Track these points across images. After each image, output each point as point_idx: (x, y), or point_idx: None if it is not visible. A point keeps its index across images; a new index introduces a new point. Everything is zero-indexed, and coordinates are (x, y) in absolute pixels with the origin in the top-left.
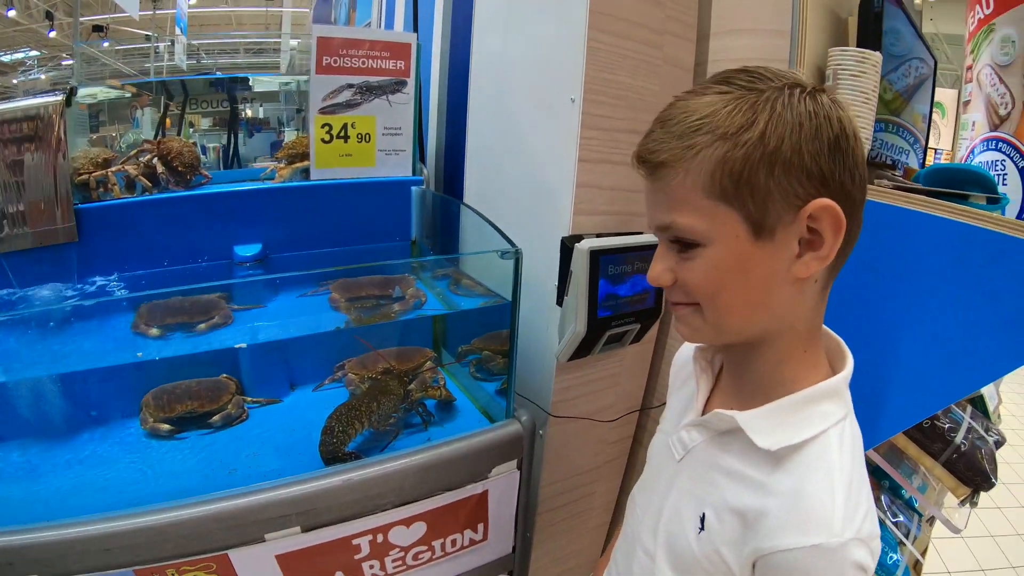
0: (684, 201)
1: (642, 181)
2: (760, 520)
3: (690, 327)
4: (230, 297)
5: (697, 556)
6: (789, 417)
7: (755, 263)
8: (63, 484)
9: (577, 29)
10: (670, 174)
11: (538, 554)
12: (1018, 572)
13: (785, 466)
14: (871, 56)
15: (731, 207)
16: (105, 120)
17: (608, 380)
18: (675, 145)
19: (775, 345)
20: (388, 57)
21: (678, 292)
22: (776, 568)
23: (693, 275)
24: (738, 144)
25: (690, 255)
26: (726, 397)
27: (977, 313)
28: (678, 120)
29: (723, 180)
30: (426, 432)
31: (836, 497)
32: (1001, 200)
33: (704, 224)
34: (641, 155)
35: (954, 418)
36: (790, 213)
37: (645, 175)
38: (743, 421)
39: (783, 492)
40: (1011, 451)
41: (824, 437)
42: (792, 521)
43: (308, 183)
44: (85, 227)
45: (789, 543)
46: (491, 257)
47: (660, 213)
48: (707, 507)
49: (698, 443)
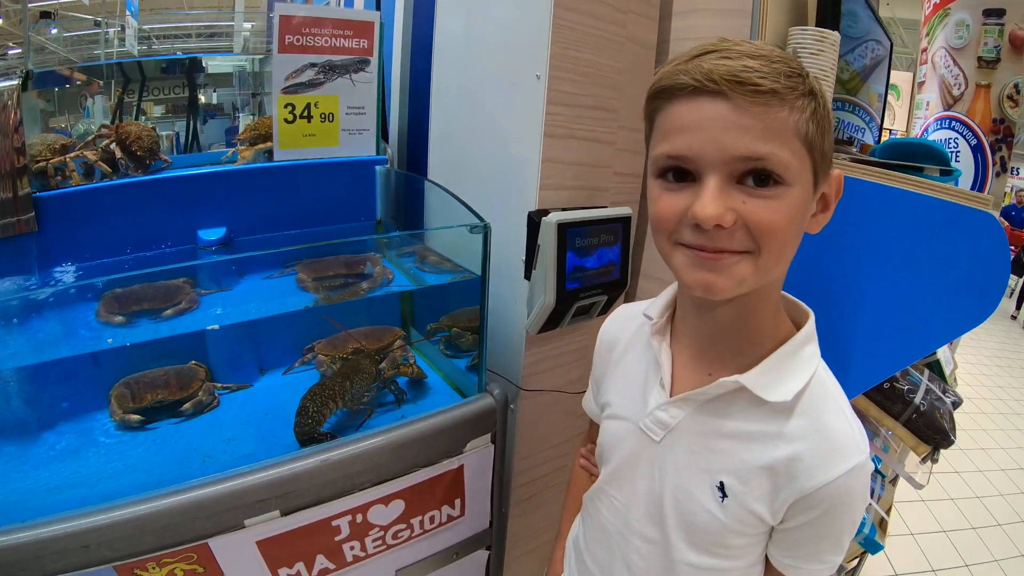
0: (783, 136)
1: (607, 156)
2: (794, 465)
3: (735, 277)
4: (195, 282)
5: (725, 522)
6: (787, 366)
7: (807, 213)
8: (34, 483)
9: (543, 6)
10: (777, 105)
11: (515, 528)
12: (977, 532)
13: (796, 411)
14: (830, 35)
15: (810, 155)
16: (55, 111)
17: (577, 352)
18: (785, 81)
19: (769, 300)
20: (351, 36)
21: (739, 236)
22: (824, 500)
23: (774, 215)
24: (820, 104)
25: (773, 193)
26: (697, 365)
27: (931, 279)
28: (775, 59)
29: (812, 130)
30: (399, 410)
31: (850, 420)
32: (953, 173)
33: (796, 163)
34: (740, 76)
35: (912, 380)
36: (826, 175)
37: (742, 98)
38: (750, 383)
39: (807, 434)
40: (968, 418)
41: (816, 375)
42: (827, 455)
43: (271, 164)
44: (44, 216)
45: (832, 474)
46: (458, 233)
47: (750, 141)
48: (722, 475)
49: (681, 418)
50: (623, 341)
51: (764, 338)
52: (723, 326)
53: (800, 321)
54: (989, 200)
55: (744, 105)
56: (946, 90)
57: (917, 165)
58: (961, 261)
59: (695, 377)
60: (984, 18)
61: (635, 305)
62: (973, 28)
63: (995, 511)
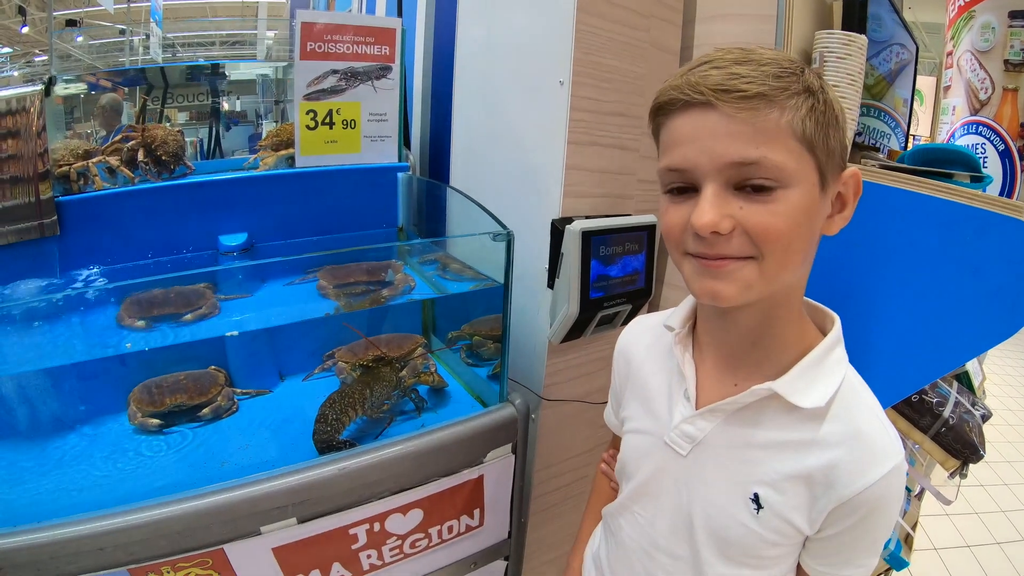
0: (776, 138)
1: (631, 163)
2: (832, 472)
3: (740, 283)
4: (216, 287)
5: (761, 533)
6: (818, 372)
7: (817, 214)
8: (52, 483)
9: (566, 12)
10: (766, 108)
11: (533, 538)
12: (1003, 548)
13: (830, 417)
14: (857, 39)
15: (811, 155)
16: (80, 116)
17: (600, 362)
18: (773, 83)
19: (790, 306)
20: (373, 42)
21: (737, 242)
22: (863, 504)
23: (772, 219)
24: (819, 100)
25: (769, 197)
26: (722, 376)
27: (962, 288)
28: (764, 62)
29: (810, 128)
30: (419, 418)
31: (883, 423)
32: (985, 179)
33: (793, 164)
34: (726, 84)
35: (941, 393)
36: (836, 173)
37: (728, 106)
38: (782, 389)
39: (843, 440)
40: (993, 430)
41: (846, 379)
42: (866, 459)
43: (293, 171)
44: (67, 220)
45: (871, 478)
46: (480, 241)
47: (741, 147)
48: (756, 486)
49: (709, 431)
50: (639, 354)
51: (789, 345)
52: (746, 335)
53: (825, 326)
54: (1021, 207)
55: (731, 112)
56: (972, 94)
57: (947, 172)
58: (993, 270)
59: (720, 388)
60: (1010, 20)
61: (650, 317)
62: (999, 31)
63: (1020, 526)
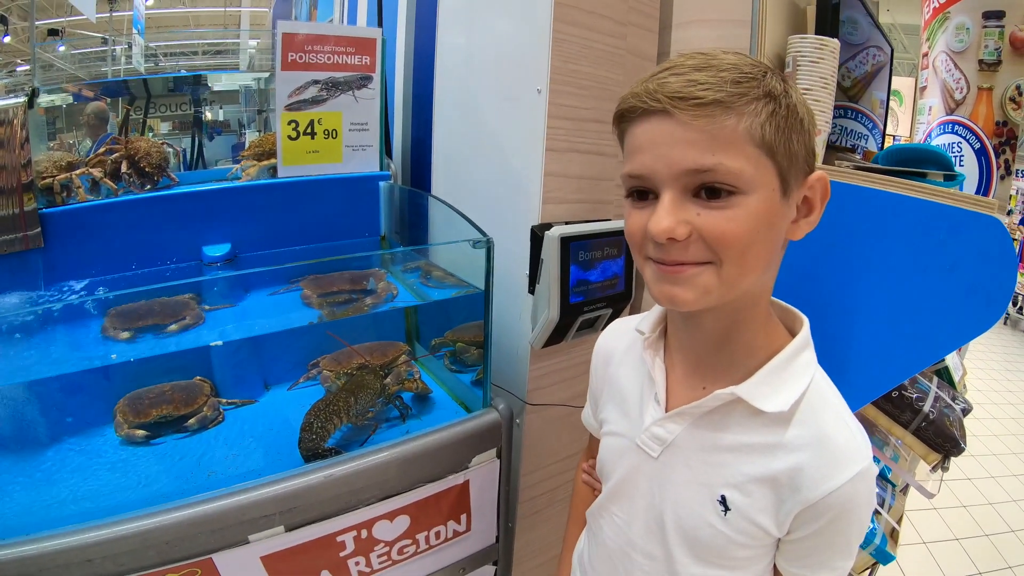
0: (733, 144)
1: (610, 169)
2: (797, 476)
3: (699, 289)
4: (200, 298)
5: (729, 535)
6: (783, 376)
7: (779, 219)
8: (40, 495)
9: (543, 21)
10: (723, 115)
11: (521, 543)
12: (991, 539)
13: (795, 421)
14: (829, 43)
15: (771, 160)
16: (63, 127)
17: (582, 366)
18: (731, 89)
19: (756, 309)
20: (353, 52)
21: (694, 248)
22: (829, 508)
23: (729, 225)
24: (781, 105)
25: (726, 203)
26: (691, 379)
27: (937, 285)
28: (724, 68)
29: (770, 133)
30: (404, 425)
31: (850, 427)
32: (957, 177)
33: (751, 170)
34: (682, 92)
35: (921, 388)
36: (800, 178)
37: (684, 113)
38: (746, 394)
39: (808, 443)
40: (979, 424)
41: (813, 383)
42: (830, 463)
43: (276, 180)
44: (51, 232)
45: (836, 482)
46: (462, 248)
47: (697, 154)
48: (723, 488)
49: (678, 433)
50: (616, 356)
51: (756, 348)
52: (712, 338)
53: (794, 328)
54: (994, 204)
55: (686, 120)
56: (948, 94)
57: (921, 171)
58: (967, 266)
59: (689, 392)
60: (984, 21)
61: (629, 319)
62: (973, 31)
63: (1008, 517)
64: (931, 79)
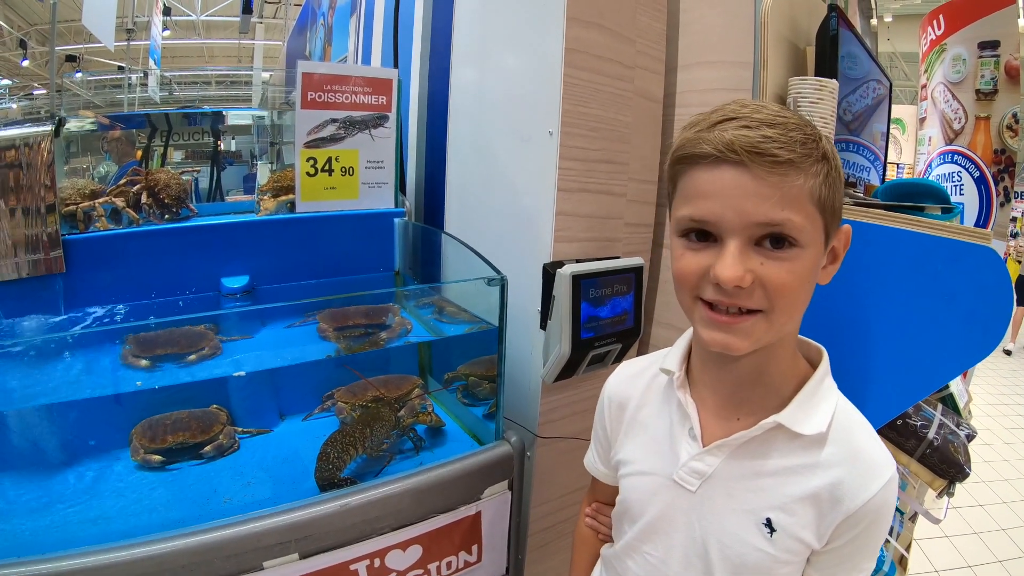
0: (798, 201)
1: (619, 208)
2: (837, 490)
3: (752, 337)
4: (218, 329)
5: (775, 555)
6: (814, 400)
7: (818, 269)
8: (55, 518)
9: (554, 66)
10: (793, 174)
11: (531, 574)
12: (1005, 566)
13: (828, 440)
14: (828, 84)
15: (822, 216)
16: (76, 151)
17: (593, 400)
18: (800, 150)
19: (787, 345)
20: (370, 92)
21: (755, 295)
22: (867, 514)
23: (788, 276)
24: (832, 167)
25: (787, 255)
26: (724, 411)
27: (936, 315)
28: (791, 127)
29: (825, 193)
30: (418, 457)
31: (876, 439)
32: (954, 209)
33: (810, 225)
34: (760, 148)
35: (925, 415)
36: (836, 231)
37: (760, 168)
38: (787, 420)
39: (843, 459)
40: (989, 449)
41: (839, 402)
42: (865, 474)
43: (294, 215)
44: (73, 258)
45: (873, 490)
46: (475, 284)
47: (768, 209)
48: (768, 511)
49: (716, 466)
50: (635, 399)
51: (787, 380)
52: (746, 376)
53: (814, 358)
54: (988, 235)
55: (762, 175)
56: (947, 125)
57: (918, 205)
58: (964, 295)
59: (724, 424)
60: (980, 51)
61: (634, 363)
62: (969, 62)
63: (1021, 542)
64: (930, 110)
